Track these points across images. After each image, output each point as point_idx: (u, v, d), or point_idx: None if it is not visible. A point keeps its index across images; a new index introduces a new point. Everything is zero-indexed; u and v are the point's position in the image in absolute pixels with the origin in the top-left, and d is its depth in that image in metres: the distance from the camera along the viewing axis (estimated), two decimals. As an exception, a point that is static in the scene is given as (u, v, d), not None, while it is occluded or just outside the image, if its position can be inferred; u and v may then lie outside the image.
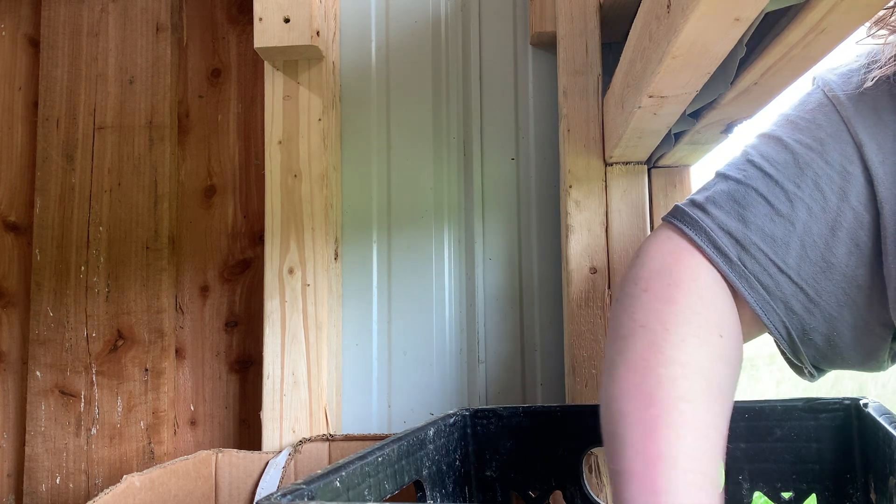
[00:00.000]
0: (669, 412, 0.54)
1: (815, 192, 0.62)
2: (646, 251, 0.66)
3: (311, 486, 0.51)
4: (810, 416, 0.72)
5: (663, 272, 0.62)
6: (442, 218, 1.14)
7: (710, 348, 0.58)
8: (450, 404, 1.11)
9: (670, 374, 0.56)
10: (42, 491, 1.15)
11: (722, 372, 0.59)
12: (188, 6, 1.26)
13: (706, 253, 0.63)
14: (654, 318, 0.59)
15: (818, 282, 0.62)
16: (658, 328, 0.59)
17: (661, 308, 0.60)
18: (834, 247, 0.62)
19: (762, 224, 0.63)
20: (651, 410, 0.54)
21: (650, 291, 0.62)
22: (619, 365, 0.59)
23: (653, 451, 0.52)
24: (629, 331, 0.60)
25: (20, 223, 1.24)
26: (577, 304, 0.99)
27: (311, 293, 1.05)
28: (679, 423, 0.54)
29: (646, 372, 0.57)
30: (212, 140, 1.23)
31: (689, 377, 0.56)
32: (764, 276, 0.63)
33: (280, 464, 0.97)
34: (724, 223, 0.64)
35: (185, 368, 1.19)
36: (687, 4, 0.51)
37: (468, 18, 1.16)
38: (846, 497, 0.70)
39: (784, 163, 0.64)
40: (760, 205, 0.63)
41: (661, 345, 0.58)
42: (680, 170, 1.05)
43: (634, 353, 0.58)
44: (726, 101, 0.73)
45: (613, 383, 0.58)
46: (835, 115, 0.64)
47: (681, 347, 0.57)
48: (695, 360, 0.57)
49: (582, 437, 0.77)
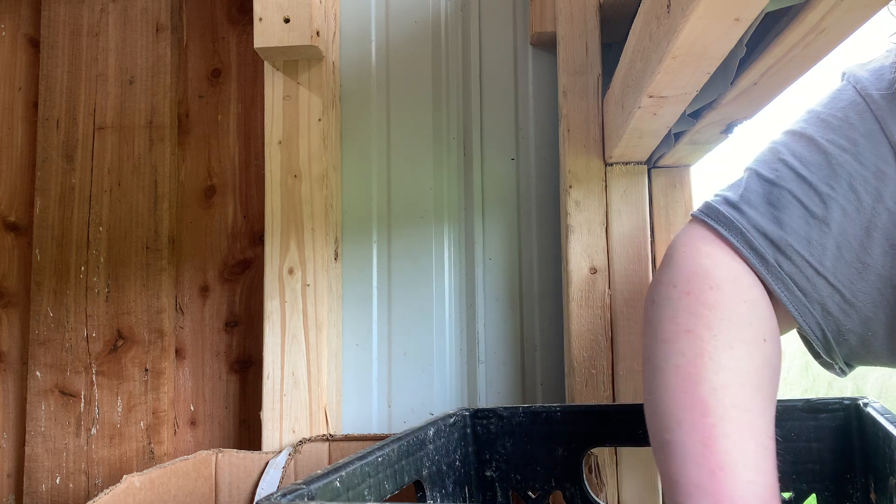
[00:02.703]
0: (726, 421, 0.54)
1: (850, 194, 0.62)
2: (680, 252, 0.65)
3: (311, 486, 0.51)
4: (810, 416, 0.72)
5: (703, 275, 0.62)
6: (442, 218, 1.14)
7: (757, 353, 0.58)
8: (450, 404, 1.11)
9: (723, 381, 0.56)
10: (42, 491, 1.15)
11: (769, 378, 0.59)
12: (188, 6, 1.26)
13: (742, 254, 0.62)
14: (700, 322, 0.59)
15: (854, 283, 0.62)
16: (705, 334, 0.58)
17: (706, 313, 0.59)
18: (869, 248, 0.61)
19: (797, 226, 0.62)
20: (707, 419, 0.54)
21: (692, 295, 0.61)
22: (667, 371, 0.58)
23: (714, 461, 0.52)
24: (673, 335, 0.60)
25: (20, 223, 1.24)
26: (577, 304, 0.99)
27: (311, 293, 1.05)
28: (738, 432, 0.54)
29: (698, 379, 0.56)
30: (212, 140, 1.23)
31: (743, 384, 0.56)
32: (800, 278, 0.62)
33: (280, 464, 0.97)
34: (759, 224, 0.63)
35: (185, 368, 1.19)
36: (687, 4, 0.51)
37: (468, 18, 1.16)
38: (846, 497, 0.70)
39: (817, 164, 0.63)
40: (795, 207, 0.63)
41: (710, 351, 0.57)
42: (680, 170, 1.05)
43: (684, 360, 0.58)
44: (726, 101, 0.73)
45: (664, 390, 0.58)
46: (868, 115, 0.63)
47: (730, 353, 0.57)
48: (743, 366, 0.57)
49: (582, 437, 0.77)
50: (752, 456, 0.53)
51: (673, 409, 0.57)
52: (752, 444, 0.54)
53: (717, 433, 0.54)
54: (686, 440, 0.55)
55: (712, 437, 0.53)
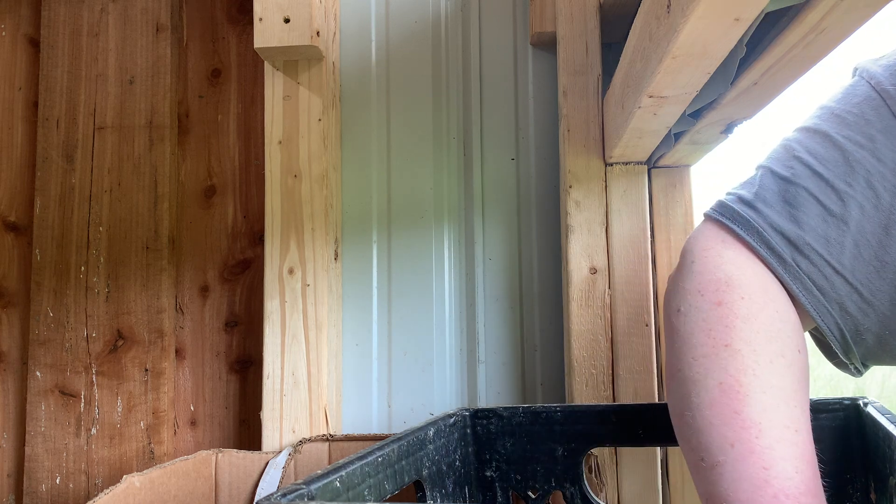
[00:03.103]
0: (781, 443, 0.54)
1: (868, 191, 0.60)
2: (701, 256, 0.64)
3: (311, 486, 0.51)
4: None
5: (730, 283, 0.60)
6: (442, 218, 1.14)
7: (795, 367, 0.58)
8: (450, 404, 1.11)
9: (771, 400, 0.55)
10: (42, 491, 1.15)
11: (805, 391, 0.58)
12: (188, 6, 1.26)
13: (760, 254, 0.61)
14: (738, 337, 0.58)
15: (872, 282, 0.61)
16: (745, 349, 0.57)
17: (741, 326, 0.58)
18: (888, 246, 0.60)
19: (815, 225, 0.61)
20: (763, 441, 0.54)
21: (724, 305, 0.60)
22: (710, 389, 0.57)
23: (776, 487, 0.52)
24: (711, 350, 0.58)
25: (20, 223, 1.24)
26: (577, 304, 0.99)
27: (311, 293, 1.05)
28: (794, 456, 0.53)
29: (747, 399, 0.55)
30: (212, 140, 1.23)
31: (788, 402, 0.56)
32: (819, 278, 0.61)
33: (280, 464, 0.97)
34: (776, 223, 0.62)
35: (185, 368, 1.19)
36: (687, 4, 0.51)
37: (468, 18, 1.16)
38: (846, 497, 0.70)
39: (834, 161, 0.62)
40: (812, 205, 0.61)
41: (754, 368, 0.56)
42: (680, 170, 1.05)
43: (727, 376, 0.57)
44: (726, 101, 0.73)
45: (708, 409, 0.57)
46: (885, 110, 0.62)
47: (773, 370, 0.56)
48: (787, 383, 0.56)
49: (582, 437, 0.77)
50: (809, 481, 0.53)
51: (723, 429, 0.55)
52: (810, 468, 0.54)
53: (775, 457, 0.53)
54: (742, 463, 0.54)
55: (772, 461, 0.53)
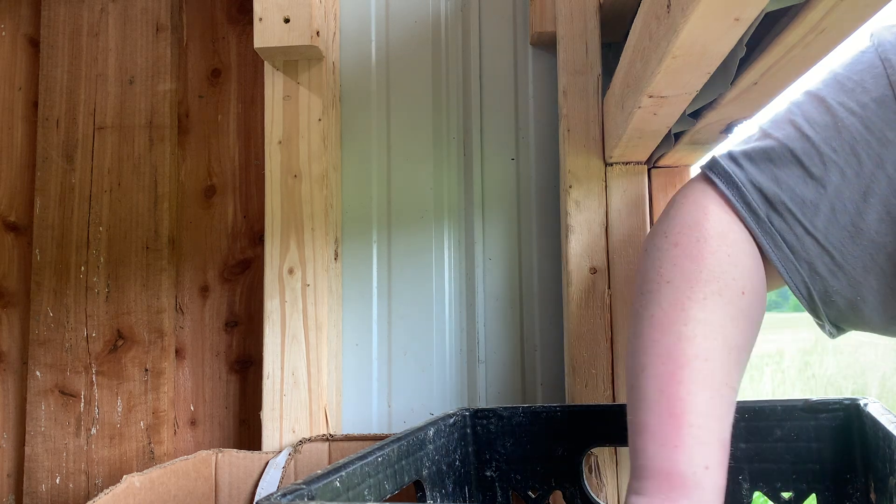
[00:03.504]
0: (684, 369, 0.57)
1: (851, 157, 0.62)
2: (678, 202, 0.67)
3: (311, 486, 0.51)
4: (810, 416, 0.72)
5: (693, 226, 0.64)
6: (442, 218, 1.14)
7: (731, 306, 0.60)
8: (450, 404, 1.11)
9: (689, 332, 0.58)
10: (42, 491, 1.15)
11: (742, 328, 0.61)
12: (188, 6, 1.26)
13: (735, 208, 0.64)
14: (680, 274, 0.61)
15: (845, 246, 0.62)
16: (682, 285, 0.60)
17: (688, 266, 0.61)
18: (864, 213, 0.62)
19: (793, 185, 0.63)
20: (668, 366, 0.57)
21: (679, 246, 0.63)
22: (643, 319, 0.61)
23: (665, 406, 0.56)
24: (656, 286, 0.62)
25: (20, 223, 1.24)
26: (577, 304, 0.99)
27: (311, 293, 1.05)
28: (693, 381, 0.56)
29: (667, 329, 0.59)
30: (212, 140, 1.23)
31: (708, 336, 0.58)
32: (790, 236, 0.63)
33: (280, 464, 0.97)
34: (756, 180, 0.64)
35: (185, 368, 1.19)
36: (687, 4, 0.51)
37: (468, 18, 1.16)
38: (846, 497, 0.70)
39: (824, 125, 0.63)
40: (794, 166, 0.63)
41: (684, 302, 0.60)
42: (680, 170, 1.05)
43: (659, 310, 0.60)
44: (726, 101, 0.73)
45: (637, 338, 0.61)
46: (883, 80, 0.63)
47: (703, 305, 0.59)
48: (715, 318, 0.59)
49: (582, 437, 0.77)
50: (703, 403, 0.56)
51: (640, 355, 0.60)
52: (706, 393, 0.56)
53: (674, 380, 0.57)
54: (646, 385, 0.58)
55: (669, 384, 0.57)
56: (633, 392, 0.59)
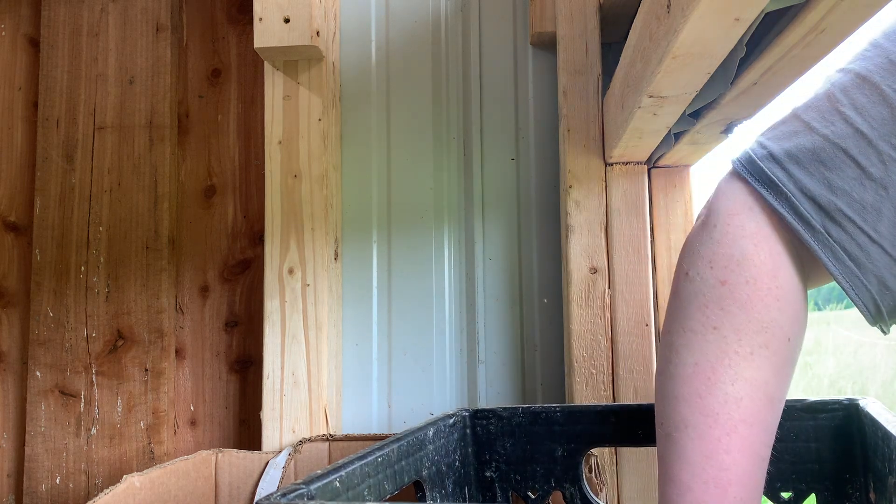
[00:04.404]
0: (731, 436, 0.56)
1: None
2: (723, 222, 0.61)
3: (311, 486, 0.51)
4: (809, 416, 0.72)
5: (742, 262, 0.59)
6: (442, 218, 1.14)
7: (776, 357, 0.58)
8: (450, 404, 1.11)
9: (737, 392, 0.57)
10: (42, 491, 1.15)
11: (784, 378, 0.59)
12: (188, 6, 1.26)
13: (787, 222, 0.58)
14: (728, 323, 0.58)
15: None
16: (730, 336, 0.58)
17: (736, 313, 0.58)
18: None
19: (850, 189, 0.56)
20: (714, 431, 0.56)
21: (727, 286, 0.59)
22: (687, 366, 0.59)
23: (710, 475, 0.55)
24: (701, 327, 0.59)
25: (20, 223, 1.24)
26: (577, 304, 0.99)
27: (311, 293, 1.05)
28: (740, 450, 0.55)
29: (714, 386, 0.57)
30: (212, 140, 1.23)
31: (754, 397, 0.57)
32: (852, 247, 0.57)
33: (280, 464, 0.97)
34: (806, 187, 0.58)
35: (185, 368, 1.19)
36: (687, 4, 0.51)
37: (468, 18, 1.16)
38: (846, 497, 0.70)
39: (881, 118, 0.56)
40: (849, 167, 0.57)
41: (731, 357, 0.57)
42: (680, 170, 1.05)
43: (704, 359, 0.58)
44: (726, 101, 0.73)
45: (679, 383, 0.59)
46: None
47: (751, 361, 0.57)
48: (761, 374, 0.57)
49: (582, 438, 0.77)
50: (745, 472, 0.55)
51: (683, 408, 0.58)
52: (750, 461, 0.55)
53: (720, 448, 0.55)
54: (689, 445, 0.56)
55: (715, 451, 0.55)
56: (673, 445, 0.58)
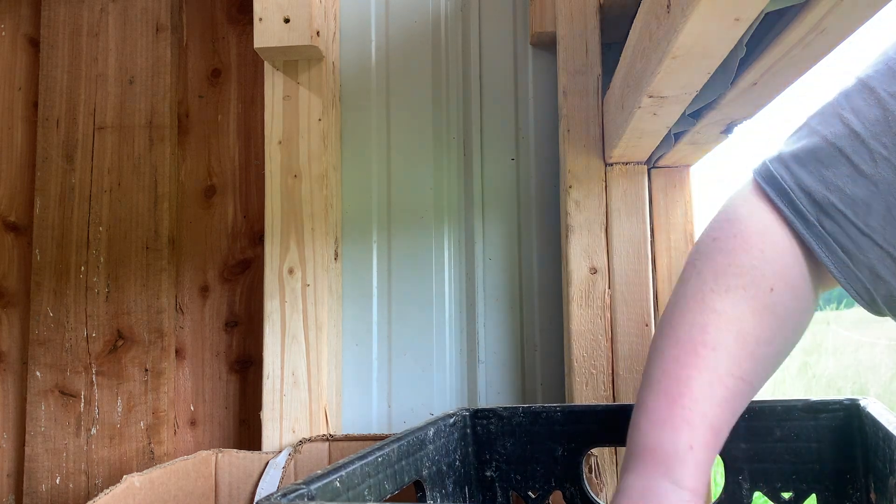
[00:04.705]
0: (689, 355, 0.59)
1: None
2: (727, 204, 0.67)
3: (311, 486, 0.51)
4: (810, 416, 0.72)
5: (734, 222, 0.64)
6: (442, 218, 1.14)
7: (755, 301, 0.60)
8: (450, 404, 1.11)
9: (702, 321, 0.60)
10: (42, 491, 1.15)
11: (767, 323, 0.61)
12: (188, 6, 1.26)
13: (785, 215, 0.62)
14: (709, 266, 0.62)
15: None
16: (709, 277, 0.62)
17: (719, 259, 0.62)
18: None
19: (843, 184, 0.60)
20: (675, 351, 0.60)
21: (717, 241, 0.64)
22: (670, 306, 0.64)
23: (664, 387, 0.59)
24: (687, 275, 0.64)
25: (20, 223, 1.24)
26: (577, 304, 0.99)
27: (311, 293, 1.05)
28: (695, 366, 0.58)
29: (685, 317, 0.61)
30: (212, 140, 1.23)
31: (721, 327, 0.59)
32: (844, 239, 0.61)
33: (280, 464, 0.97)
34: (804, 183, 0.62)
35: (185, 368, 1.19)
36: (687, 4, 0.51)
37: (468, 18, 1.16)
38: (846, 497, 0.70)
39: (874, 119, 0.60)
40: (843, 164, 0.61)
41: (706, 293, 0.61)
42: (680, 170, 1.05)
43: (682, 298, 0.62)
44: (726, 101, 0.73)
45: (661, 323, 0.64)
46: None
47: (723, 297, 0.60)
48: (734, 310, 0.60)
49: (582, 437, 0.77)
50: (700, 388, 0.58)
51: (658, 339, 0.63)
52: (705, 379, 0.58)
53: (677, 364, 0.59)
54: (654, 367, 0.61)
55: (673, 367, 0.59)
56: (644, 373, 0.62)
